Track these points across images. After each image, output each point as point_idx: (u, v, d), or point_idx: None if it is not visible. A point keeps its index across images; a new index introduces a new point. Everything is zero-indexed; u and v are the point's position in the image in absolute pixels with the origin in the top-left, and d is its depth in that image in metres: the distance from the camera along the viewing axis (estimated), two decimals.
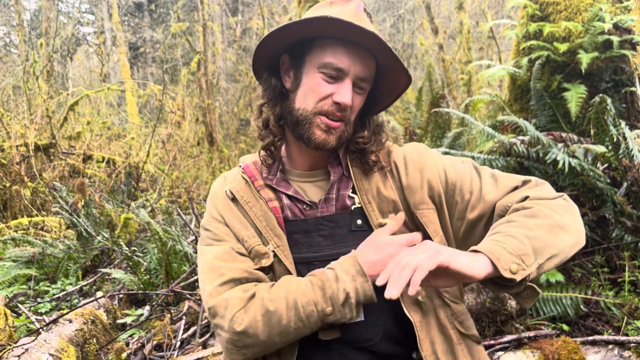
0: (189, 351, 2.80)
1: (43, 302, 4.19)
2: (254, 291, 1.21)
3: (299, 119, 1.30)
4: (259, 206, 1.34)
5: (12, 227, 6.79)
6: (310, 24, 1.24)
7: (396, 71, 1.33)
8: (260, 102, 1.40)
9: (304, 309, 1.16)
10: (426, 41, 14.04)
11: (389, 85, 1.39)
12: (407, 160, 1.38)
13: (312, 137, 1.29)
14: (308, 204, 1.33)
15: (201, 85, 12.21)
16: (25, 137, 8.39)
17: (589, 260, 3.05)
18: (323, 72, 1.28)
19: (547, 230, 1.16)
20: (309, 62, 1.31)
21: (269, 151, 1.37)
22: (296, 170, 1.40)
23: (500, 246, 1.08)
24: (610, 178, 3.10)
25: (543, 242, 1.13)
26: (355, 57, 1.27)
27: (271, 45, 1.32)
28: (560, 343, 2.32)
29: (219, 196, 1.41)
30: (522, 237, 1.11)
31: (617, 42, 3.46)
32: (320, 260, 1.29)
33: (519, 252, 1.08)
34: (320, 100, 1.28)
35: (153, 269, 4.04)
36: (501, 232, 1.14)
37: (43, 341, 2.70)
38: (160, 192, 8.20)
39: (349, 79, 1.28)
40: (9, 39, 20.03)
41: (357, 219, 1.32)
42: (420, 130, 4.78)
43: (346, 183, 1.36)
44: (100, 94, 10.78)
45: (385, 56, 1.29)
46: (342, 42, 1.27)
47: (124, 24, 18.83)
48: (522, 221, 1.17)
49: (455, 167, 1.38)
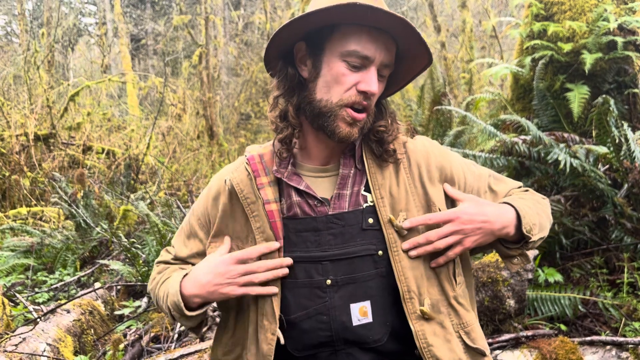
0: (186, 344, 2.80)
1: (41, 292, 4.18)
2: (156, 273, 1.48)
3: (322, 111, 1.26)
4: (256, 204, 1.31)
5: (10, 216, 6.78)
6: (337, 11, 1.18)
7: (419, 55, 1.30)
8: (276, 94, 1.34)
9: (168, 307, 1.36)
10: (428, 39, 14.01)
11: (407, 68, 1.36)
12: (429, 155, 1.37)
13: (336, 130, 1.25)
14: (320, 200, 1.29)
15: (202, 78, 12.19)
16: (25, 126, 8.37)
17: (588, 261, 3.05)
18: (347, 61, 1.23)
19: (546, 217, 1.40)
20: (329, 49, 1.26)
21: (286, 144, 1.31)
22: (308, 165, 1.36)
23: (527, 207, 1.31)
24: (611, 179, 3.10)
25: (544, 224, 1.37)
26: (379, 44, 1.24)
27: (287, 35, 1.27)
28: (558, 343, 2.32)
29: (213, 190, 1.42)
30: (535, 212, 1.34)
31: (621, 43, 3.45)
32: (330, 260, 1.26)
33: (534, 220, 1.31)
34: (345, 91, 1.24)
35: (151, 261, 4.03)
36: (523, 199, 1.37)
37: (41, 331, 2.70)
38: (160, 184, 8.20)
39: (374, 66, 1.24)
40: (10, 28, 19.97)
41: (368, 217, 1.28)
42: (422, 128, 4.78)
43: (360, 178, 1.32)
44: (101, 85, 10.75)
45: (408, 41, 1.26)
46: (366, 29, 1.23)
47: (126, 15, 18.78)
48: (532, 200, 1.39)
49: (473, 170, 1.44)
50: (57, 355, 2.60)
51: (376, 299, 1.26)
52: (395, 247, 1.25)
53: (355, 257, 1.26)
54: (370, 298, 1.26)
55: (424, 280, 1.26)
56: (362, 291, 1.25)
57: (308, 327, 1.26)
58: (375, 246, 1.27)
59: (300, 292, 1.27)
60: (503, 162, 3.38)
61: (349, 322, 1.24)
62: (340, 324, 1.24)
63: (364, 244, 1.27)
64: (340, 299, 1.25)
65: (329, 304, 1.25)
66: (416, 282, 1.25)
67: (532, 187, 3.44)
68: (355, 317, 1.25)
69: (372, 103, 1.28)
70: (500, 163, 3.39)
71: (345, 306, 1.25)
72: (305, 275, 1.27)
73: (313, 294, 1.26)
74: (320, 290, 1.26)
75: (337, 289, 1.25)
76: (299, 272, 1.27)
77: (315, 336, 1.26)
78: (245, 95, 15.39)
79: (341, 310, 1.24)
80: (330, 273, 1.26)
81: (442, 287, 1.28)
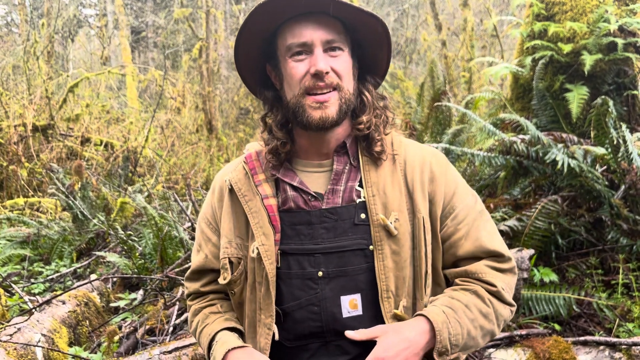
0: (181, 337, 2.80)
1: (37, 282, 4.18)
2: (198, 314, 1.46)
3: (292, 109, 1.30)
4: (254, 201, 1.34)
5: (7, 206, 6.78)
6: (253, 20, 1.25)
7: (367, 23, 1.30)
8: (262, 115, 1.42)
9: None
10: (429, 37, 14.00)
11: (372, 43, 1.35)
12: (424, 165, 1.35)
13: (309, 119, 1.27)
14: (313, 195, 1.32)
15: (202, 72, 12.16)
16: (24, 117, 8.35)
17: (584, 262, 3.06)
18: (291, 56, 1.28)
19: (482, 336, 1.29)
20: (280, 55, 1.32)
21: (274, 154, 1.36)
22: (304, 161, 1.39)
23: (447, 327, 1.22)
24: (609, 180, 3.11)
25: (472, 343, 1.28)
26: (313, 25, 1.26)
27: (249, 64, 1.37)
28: (551, 342, 2.33)
29: (216, 190, 1.45)
30: (465, 331, 1.25)
31: (621, 44, 3.45)
32: (322, 252, 1.29)
33: (454, 341, 1.23)
34: (300, 81, 1.27)
35: (148, 254, 4.03)
36: (455, 310, 1.26)
37: (36, 321, 2.70)
38: (158, 177, 8.19)
39: (317, 47, 1.26)
40: (10, 18, 19.90)
41: (361, 213, 1.31)
42: (421, 126, 4.78)
43: (355, 174, 1.35)
44: (101, 77, 10.73)
45: (344, 11, 1.27)
46: (294, 19, 1.27)
47: (127, 7, 18.72)
48: (474, 314, 1.28)
49: (465, 195, 1.37)
50: (51, 346, 2.61)
51: (366, 292, 1.29)
52: (380, 245, 1.28)
53: (347, 251, 1.29)
54: (360, 291, 1.29)
55: (404, 283, 1.29)
56: (352, 284, 1.29)
57: (299, 317, 1.29)
58: (367, 241, 1.29)
59: (292, 283, 1.30)
60: (501, 161, 3.38)
61: (339, 313, 1.28)
62: (330, 315, 1.28)
63: (356, 239, 1.29)
64: (331, 290, 1.28)
65: (320, 295, 1.28)
66: (396, 283, 1.28)
67: (530, 187, 3.45)
68: (345, 309, 1.28)
69: (337, 81, 1.27)
70: (499, 162, 3.39)
71: (335, 298, 1.28)
72: (298, 266, 1.30)
73: (305, 285, 1.29)
74: (312, 282, 1.29)
75: (329, 281, 1.28)
76: (292, 264, 1.30)
77: (307, 326, 1.29)
78: (245, 90, 15.35)
79: (332, 302, 1.28)
80: (322, 265, 1.29)
81: (414, 293, 1.31)
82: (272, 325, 1.29)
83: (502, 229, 2.97)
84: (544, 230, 2.97)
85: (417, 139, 3.96)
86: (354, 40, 1.34)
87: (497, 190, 3.80)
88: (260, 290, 1.31)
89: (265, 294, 1.30)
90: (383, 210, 1.29)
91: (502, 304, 1.31)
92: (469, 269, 1.32)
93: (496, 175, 3.90)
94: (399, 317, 1.27)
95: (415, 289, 1.31)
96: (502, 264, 1.34)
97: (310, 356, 1.30)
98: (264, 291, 1.30)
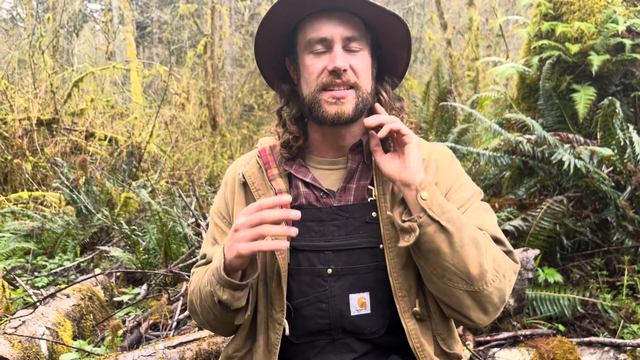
0: (185, 332, 2.81)
1: (40, 276, 4.19)
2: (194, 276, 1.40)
3: (309, 104, 1.30)
4: (268, 195, 1.33)
5: (12, 200, 6.79)
6: (274, 13, 1.24)
7: (389, 23, 1.29)
8: (277, 107, 1.42)
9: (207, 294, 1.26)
10: (434, 36, 13.97)
11: (392, 43, 1.34)
12: (430, 157, 1.34)
13: (324, 115, 1.26)
14: (325, 192, 1.32)
15: (207, 68, 12.16)
16: (29, 111, 8.37)
17: (589, 262, 3.05)
18: (310, 51, 1.27)
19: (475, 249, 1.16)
20: (299, 50, 1.32)
21: (286, 147, 1.36)
22: (318, 158, 1.38)
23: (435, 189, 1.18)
24: (615, 181, 3.10)
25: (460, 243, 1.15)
26: (334, 21, 1.25)
27: (268, 57, 1.37)
28: (556, 343, 2.32)
29: (229, 182, 1.44)
30: (461, 223, 1.16)
31: (629, 45, 3.44)
32: (332, 250, 1.29)
33: (443, 208, 1.15)
34: (317, 77, 1.27)
35: (152, 249, 4.04)
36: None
37: (40, 314, 2.71)
38: (162, 173, 8.20)
39: (337, 44, 1.25)
40: (16, 12, 19.92)
41: (372, 211, 1.30)
42: (426, 125, 4.77)
43: (367, 173, 1.34)
44: (105, 72, 10.73)
45: (366, 9, 1.26)
46: (315, 15, 1.26)
47: (132, 2, 18.71)
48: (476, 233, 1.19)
49: (468, 187, 1.35)
50: (56, 339, 2.61)
51: (375, 291, 1.28)
52: (390, 243, 1.26)
53: (357, 249, 1.29)
54: (369, 290, 1.28)
55: (416, 281, 1.28)
56: (361, 282, 1.28)
57: (307, 314, 1.29)
58: (377, 239, 1.29)
59: (302, 279, 1.30)
60: (507, 160, 3.37)
61: (347, 311, 1.27)
62: (338, 313, 1.27)
63: (366, 237, 1.29)
64: (340, 288, 1.28)
65: (329, 292, 1.28)
66: (408, 281, 1.26)
67: (535, 187, 3.44)
68: (353, 307, 1.28)
69: (354, 79, 1.26)
70: (504, 162, 3.38)
71: (344, 296, 1.28)
72: (308, 263, 1.29)
73: (314, 282, 1.29)
74: (321, 279, 1.29)
75: (338, 278, 1.28)
76: (302, 260, 1.30)
77: (314, 323, 1.29)
78: (249, 87, 15.37)
79: (340, 300, 1.28)
80: (332, 263, 1.28)
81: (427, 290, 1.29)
82: (283, 321, 1.28)
83: (507, 229, 2.96)
84: (549, 230, 2.96)
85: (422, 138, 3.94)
86: (375, 40, 1.33)
87: (502, 190, 3.80)
88: (271, 285, 1.31)
89: (277, 289, 1.29)
90: (392, 208, 1.27)
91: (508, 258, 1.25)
92: None
93: (501, 175, 3.89)
94: (418, 316, 1.26)
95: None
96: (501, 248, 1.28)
97: (317, 353, 1.30)
98: (275, 286, 1.29)
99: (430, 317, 1.29)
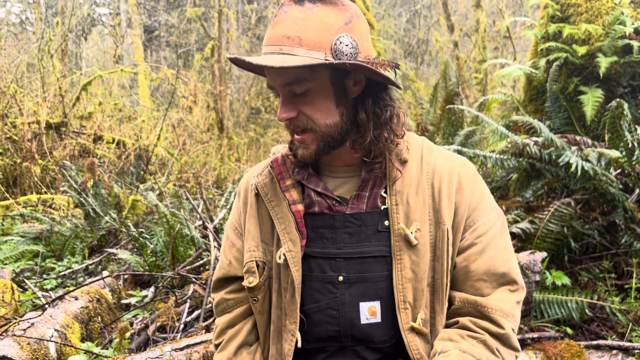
0: (192, 334, 2.82)
1: (49, 278, 4.22)
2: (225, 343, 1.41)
3: None
4: (281, 206, 1.33)
5: (21, 203, 6.84)
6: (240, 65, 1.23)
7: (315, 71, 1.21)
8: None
9: None
10: (441, 38, 13.96)
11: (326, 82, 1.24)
12: (452, 174, 1.31)
13: (297, 153, 1.31)
14: (337, 200, 1.31)
15: (214, 71, 12.21)
16: (38, 114, 8.42)
17: (597, 265, 3.04)
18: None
19: None
20: None
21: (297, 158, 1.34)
22: (332, 166, 1.37)
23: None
24: (623, 184, 3.08)
25: None
26: (271, 71, 1.22)
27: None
28: (563, 346, 2.31)
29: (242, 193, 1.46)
30: None
31: (637, 47, 3.42)
32: (344, 257, 1.28)
33: None
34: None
35: (159, 252, 4.05)
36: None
37: (49, 316, 2.73)
38: (169, 176, 8.23)
39: (280, 92, 1.24)
40: (25, 17, 20.08)
41: (384, 220, 1.29)
42: (433, 127, 4.77)
43: (381, 181, 1.31)
44: (113, 76, 10.79)
45: (288, 71, 1.20)
46: None
47: (140, 6, 18.82)
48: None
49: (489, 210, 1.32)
50: (64, 341, 2.63)
51: (386, 300, 1.27)
52: (398, 255, 1.25)
53: (368, 257, 1.28)
54: (380, 299, 1.27)
55: (423, 295, 1.26)
56: (372, 291, 1.27)
57: (317, 320, 1.29)
58: (389, 248, 1.27)
59: (313, 286, 1.29)
60: (514, 163, 3.36)
61: (357, 319, 1.27)
62: (348, 321, 1.27)
63: (378, 245, 1.28)
64: (351, 296, 1.27)
65: (340, 299, 1.27)
66: (414, 294, 1.25)
67: (543, 189, 3.43)
68: (363, 316, 1.27)
69: (303, 124, 1.24)
70: (511, 164, 3.37)
71: (354, 304, 1.27)
72: (319, 270, 1.29)
73: (325, 289, 1.29)
74: (332, 286, 1.28)
75: (349, 286, 1.27)
76: (313, 267, 1.30)
77: (324, 330, 1.28)
78: (256, 90, 15.41)
79: (350, 307, 1.27)
80: (343, 270, 1.28)
81: (433, 306, 1.28)
82: (296, 332, 1.28)
83: (514, 232, 2.95)
84: (556, 233, 2.95)
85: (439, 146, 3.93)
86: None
87: (509, 192, 3.79)
88: (285, 296, 1.31)
89: (291, 300, 1.29)
90: (405, 219, 1.27)
91: (508, 351, 1.25)
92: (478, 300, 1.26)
93: (508, 177, 3.88)
94: (416, 330, 1.25)
95: (435, 302, 1.28)
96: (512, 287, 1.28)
97: (326, 358, 1.30)
98: (289, 297, 1.29)
99: (433, 332, 1.28)
